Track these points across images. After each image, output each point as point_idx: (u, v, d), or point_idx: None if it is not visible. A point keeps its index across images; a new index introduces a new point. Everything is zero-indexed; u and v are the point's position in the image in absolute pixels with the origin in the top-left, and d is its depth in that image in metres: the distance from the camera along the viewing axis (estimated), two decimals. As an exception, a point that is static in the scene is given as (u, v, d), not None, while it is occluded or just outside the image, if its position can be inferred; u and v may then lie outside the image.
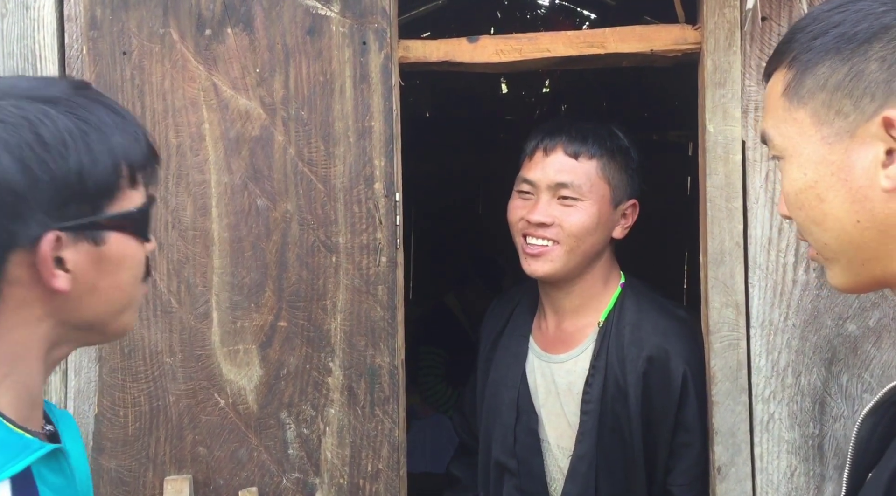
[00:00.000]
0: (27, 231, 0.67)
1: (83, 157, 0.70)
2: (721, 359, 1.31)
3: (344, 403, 1.34)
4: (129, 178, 0.74)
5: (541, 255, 1.41)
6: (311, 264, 1.33)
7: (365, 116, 1.33)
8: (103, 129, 0.72)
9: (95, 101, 0.74)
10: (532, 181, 1.43)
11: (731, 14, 1.29)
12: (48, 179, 0.68)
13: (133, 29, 1.32)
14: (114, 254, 0.74)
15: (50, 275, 0.70)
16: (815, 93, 0.70)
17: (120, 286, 0.76)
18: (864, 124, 0.67)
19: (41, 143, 0.68)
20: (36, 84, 0.73)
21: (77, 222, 0.70)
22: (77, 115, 0.71)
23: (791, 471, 1.30)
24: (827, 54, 0.69)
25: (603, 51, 1.36)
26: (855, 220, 0.68)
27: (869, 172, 0.67)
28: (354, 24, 1.32)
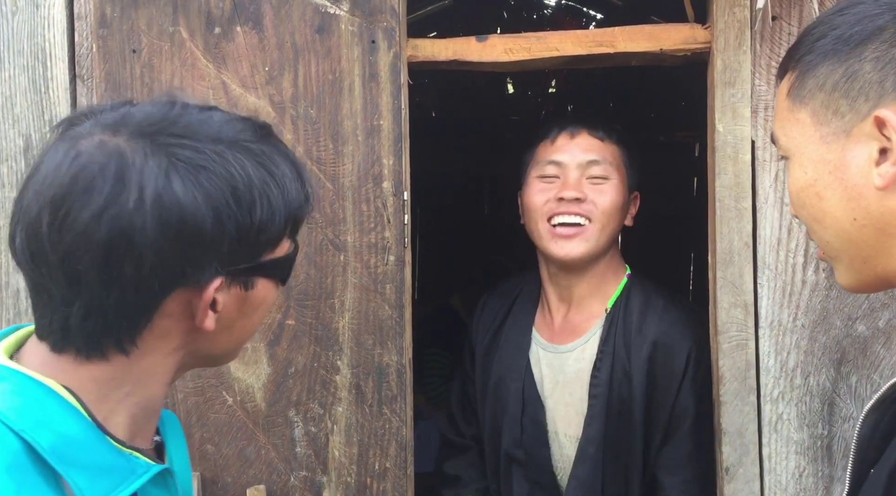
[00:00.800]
0: (199, 275, 0.69)
1: (265, 213, 0.71)
2: (729, 360, 1.31)
3: (352, 402, 1.34)
4: (291, 230, 0.76)
5: (575, 236, 1.41)
6: (320, 263, 1.33)
7: (374, 115, 1.33)
8: (285, 184, 0.73)
9: (277, 150, 0.74)
10: (560, 161, 1.46)
11: (741, 13, 1.29)
12: (234, 233, 0.69)
13: (143, 27, 1.32)
14: (257, 298, 0.75)
15: (204, 316, 0.71)
16: (815, 93, 0.72)
17: (252, 326, 0.78)
18: (858, 124, 0.69)
19: (236, 198, 0.69)
20: (231, 127, 0.72)
21: (238, 268, 0.71)
22: (265, 167, 0.71)
23: (800, 471, 1.29)
24: (826, 56, 0.71)
25: (612, 50, 1.35)
26: (852, 218, 0.70)
27: (863, 170, 0.68)
28: (363, 22, 1.33)
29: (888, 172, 0.67)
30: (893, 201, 0.67)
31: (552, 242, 1.43)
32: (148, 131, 0.68)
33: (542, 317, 1.54)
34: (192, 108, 0.72)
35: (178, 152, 0.68)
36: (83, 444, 0.67)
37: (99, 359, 0.70)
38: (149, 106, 0.72)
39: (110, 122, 0.69)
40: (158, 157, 0.67)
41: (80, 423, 0.68)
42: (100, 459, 0.67)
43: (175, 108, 0.71)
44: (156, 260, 0.66)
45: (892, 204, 0.67)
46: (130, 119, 0.69)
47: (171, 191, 0.66)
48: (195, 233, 0.67)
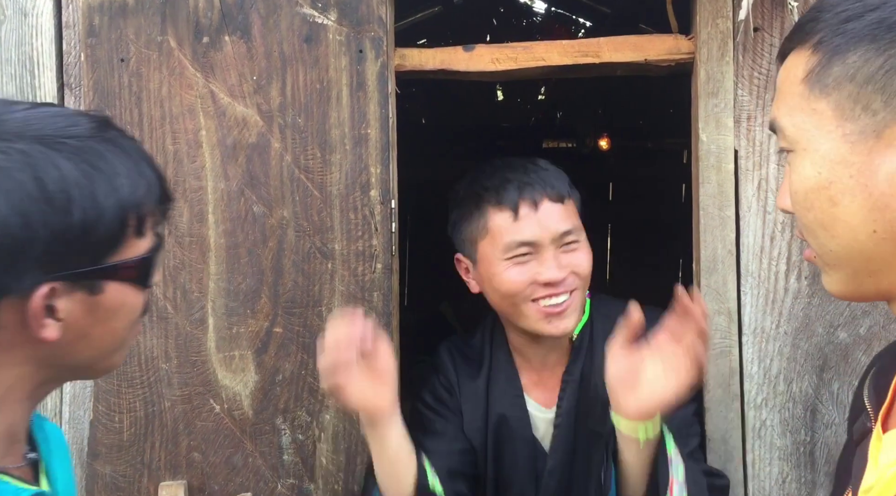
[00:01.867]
0: (19, 283, 0.65)
1: (88, 210, 0.66)
2: (713, 367, 1.32)
3: (339, 409, 1.34)
4: (136, 228, 0.71)
5: (566, 310, 1.29)
6: (307, 270, 1.34)
7: (361, 124, 1.34)
8: (113, 180, 0.68)
9: (111, 144, 0.70)
10: (533, 241, 1.28)
11: (723, 24, 1.31)
12: (48, 234, 0.64)
13: (131, 36, 1.33)
14: (110, 303, 0.71)
15: (39, 325, 0.67)
16: (843, 83, 0.61)
17: (113, 332, 0.73)
18: (893, 125, 0.59)
19: (45, 196, 0.64)
20: (53, 122, 0.68)
21: (73, 272, 0.67)
22: (89, 163, 0.67)
23: (783, 477, 1.30)
24: (861, 41, 0.60)
25: (597, 60, 1.37)
26: (871, 230, 0.61)
27: (893, 179, 0.59)
28: (351, 32, 1.34)
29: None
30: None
31: (544, 323, 1.29)
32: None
33: (529, 380, 1.41)
34: (16, 106, 0.69)
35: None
36: None
37: None
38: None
39: None
40: None
41: None
42: None
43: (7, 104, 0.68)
44: None
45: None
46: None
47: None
48: (1, 238, 0.63)
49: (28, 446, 0.76)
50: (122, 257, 0.71)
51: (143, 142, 1.32)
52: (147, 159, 0.74)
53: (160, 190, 0.74)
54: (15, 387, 0.70)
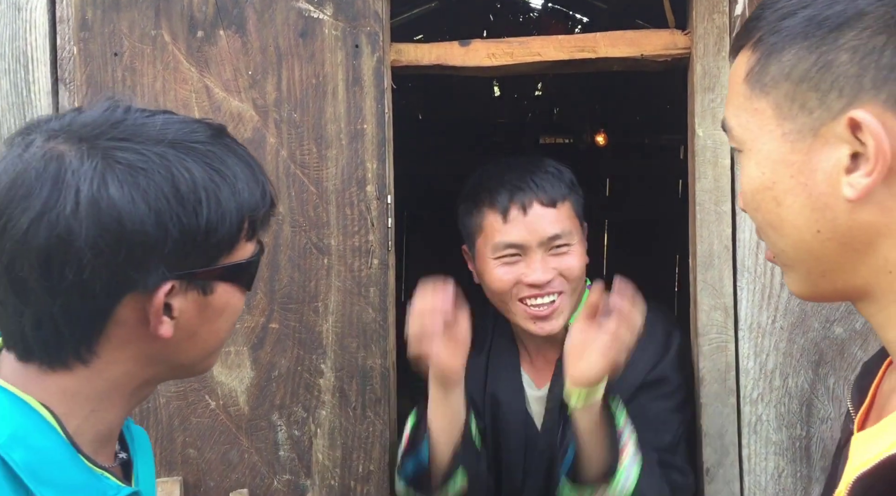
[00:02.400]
0: (147, 279, 0.67)
1: (213, 213, 0.69)
2: (709, 362, 1.32)
3: (335, 405, 1.34)
4: (249, 231, 0.74)
5: (551, 313, 1.33)
6: (303, 266, 1.34)
7: (357, 119, 1.34)
8: (235, 184, 0.71)
9: (229, 151, 0.73)
10: (520, 243, 1.32)
11: (720, 20, 1.31)
12: (177, 233, 0.67)
13: (124, 30, 1.32)
14: (218, 303, 0.73)
15: (158, 322, 0.69)
16: (779, 82, 0.61)
17: (217, 332, 0.75)
18: (829, 123, 0.58)
19: (178, 197, 0.67)
20: (179, 128, 0.71)
21: (192, 271, 0.70)
22: (212, 167, 0.70)
23: (779, 472, 1.31)
24: (794, 39, 0.60)
25: (594, 55, 1.37)
26: (815, 230, 0.60)
27: (831, 178, 0.58)
28: (347, 26, 1.33)
29: (860, 183, 0.57)
30: (864, 215, 0.58)
31: (529, 322, 1.35)
32: (88, 135, 0.68)
33: (526, 360, 1.47)
34: (135, 112, 0.71)
35: (117, 155, 0.67)
36: (57, 462, 0.66)
37: (62, 369, 0.69)
38: (93, 111, 0.71)
39: (54, 129, 0.69)
40: (95, 159, 0.66)
41: (54, 439, 0.67)
42: (72, 478, 0.67)
43: (117, 111, 0.71)
44: (96, 264, 0.64)
45: (863, 218, 0.58)
46: (73, 124, 0.69)
47: (107, 193, 0.65)
48: (135, 235, 0.65)
49: (119, 446, 0.78)
50: (233, 259, 0.73)
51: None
52: (258, 166, 0.76)
53: (270, 196, 0.77)
54: (122, 384, 0.72)
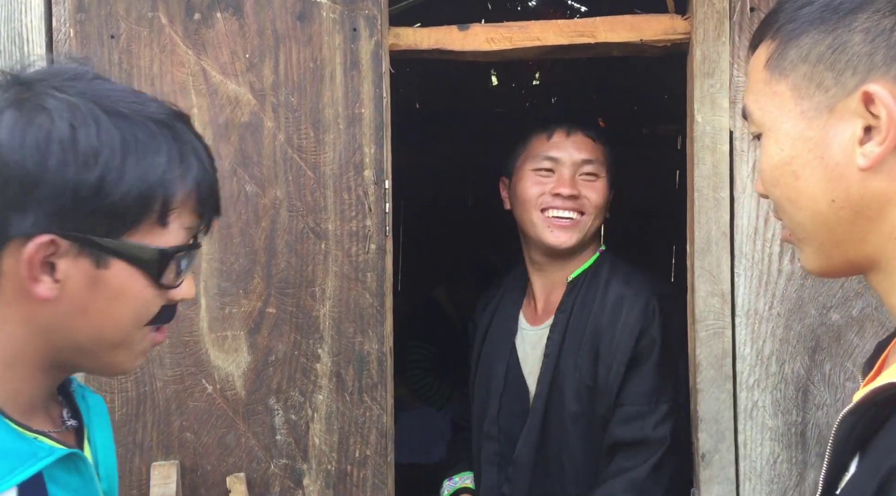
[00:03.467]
0: (21, 224, 0.65)
1: (110, 174, 0.66)
2: (706, 348, 1.32)
3: (332, 390, 1.34)
4: (160, 215, 0.70)
5: (571, 226, 1.51)
6: (300, 251, 1.33)
7: (355, 103, 1.33)
8: (149, 157, 0.68)
9: (169, 130, 0.70)
10: (557, 158, 1.54)
11: (720, 4, 1.30)
12: (60, 181, 0.64)
13: (121, 12, 1.31)
14: (114, 283, 0.69)
15: (30, 277, 0.66)
16: (797, 65, 0.67)
17: (112, 317, 0.71)
18: (844, 99, 0.64)
19: (72, 145, 0.65)
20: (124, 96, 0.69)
21: (83, 236, 0.67)
22: (135, 136, 0.67)
23: (774, 457, 1.31)
24: (811, 24, 0.66)
25: (593, 40, 1.36)
26: (830, 199, 0.66)
27: (846, 149, 0.64)
28: (345, 10, 1.32)
29: (872, 152, 0.62)
30: (876, 183, 0.63)
31: (546, 231, 1.51)
32: (32, 79, 0.67)
33: (527, 303, 1.63)
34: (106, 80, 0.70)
35: (38, 99, 0.65)
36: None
37: None
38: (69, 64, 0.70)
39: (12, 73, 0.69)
40: (11, 97, 0.65)
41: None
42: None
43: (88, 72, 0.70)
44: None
45: (875, 186, 0.63)
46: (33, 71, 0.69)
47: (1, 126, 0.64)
48: (13, 169, 0.64)
49: (70, 414, 0.77)
50: (137, 240, 0.69)
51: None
52: (203, 159, 0.72)
53: (202, 191, 0.72)
54: (23, 356, 0.70)
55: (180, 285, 0.74)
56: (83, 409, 0.79)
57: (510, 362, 1.59)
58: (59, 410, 0.77)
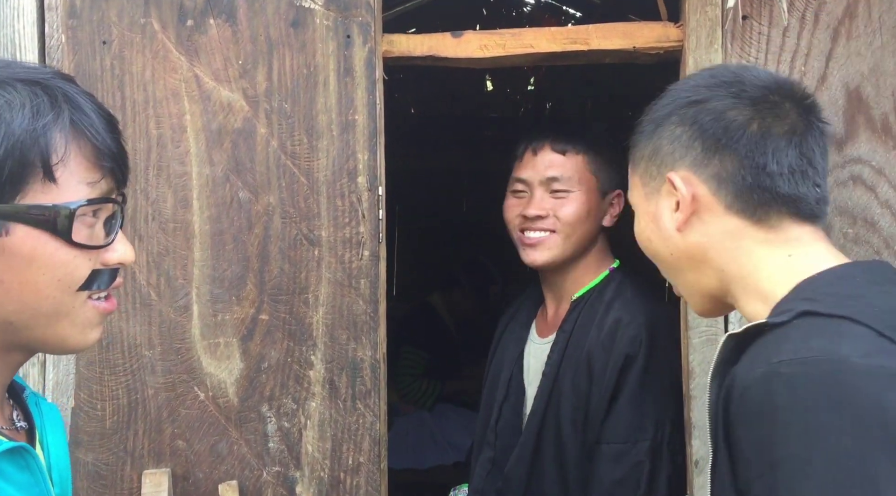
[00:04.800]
0: None
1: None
2: (699, 354, 1.32)
3: (325, 397, 1.34)
4: (43, 170, 0.68)
5: (539, 244, 1.51)
6: (294, 257, 1.33)
7: (348, 110, 1.33)
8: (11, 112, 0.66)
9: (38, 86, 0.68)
10: (524, 179, 1.54)
11: (712, 12, 1.31)
12: None
13: (113, 18, 1.30)
14: (21, 250, 0.67)
15: None
16: (639, 163, 0.94)
17: (35, 287, 0.69)
18: (664, 184, 0.90)
19: None
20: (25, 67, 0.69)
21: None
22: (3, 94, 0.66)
23: (767, 464, 1.31)
24: (643, 135, 0.93)
25: (586, 47, 1.37)
26: (669, 253, 0.91)
27: (668, 218, 0.90)
28: (339, 17, 1.32)
29: (678, 218, 0.89)
30: (691, 238, 0.89)
31: (522, 249, 1.55)
32: None
33: (541, 314, 1.65)
34: None
35: None
36: None
37: None
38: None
39: None
40: None
41: None
42: None
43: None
44: None
45: (691, 240, 0.89)
46: None
47: None
48: None
49: (21, 417, 0.76)
50: (30, 200, 0.67)
51: (126, 126, 1.30)
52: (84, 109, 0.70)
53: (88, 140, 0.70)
54: None
55: (111, 245, 0.72)
56: (35, 414, 0.78)
57: (514, 371, 1.59)
58: (10, 412, 0.76)
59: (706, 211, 0.87)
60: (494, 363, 1.66)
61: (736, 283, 0.87)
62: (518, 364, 1.59)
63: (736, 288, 0.88)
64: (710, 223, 0.87)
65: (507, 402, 1.57)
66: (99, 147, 0.71)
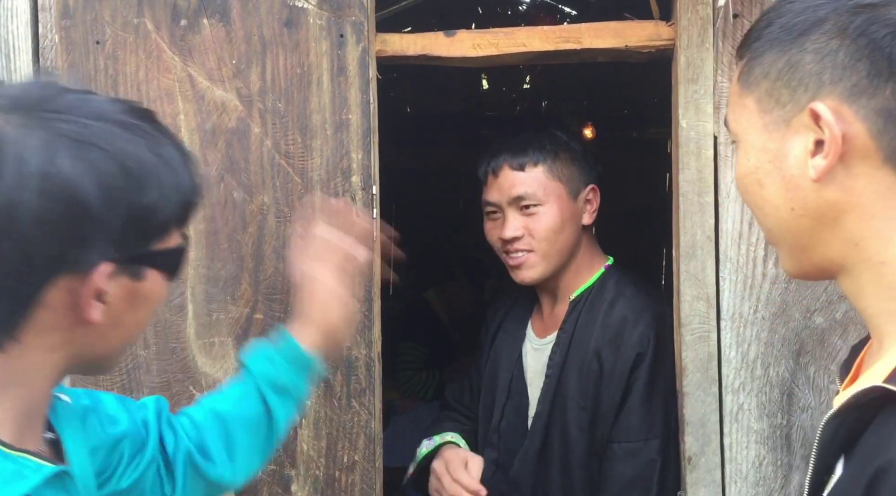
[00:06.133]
0: (86, 257, 0.64)
1: (157, 194, 0.68)
2: (692, 351, 1.33)
3: (320, 395, 1.34)
4: (180, 218, 0.73)
5: (523, 264, 1.50)
6: (288, 257, 1.33)
7: (342, 109, 1.33)
8: (174, 167, 0.70)
9: (165, 135, 0.73)
10: (492, 202, 1.54)
11: (703, 11, 1.31)
12: (124, 212, 0.66)
13: (107, 18, 1.31)
14: (146, 291, 0.71)
15: (90, 305, 0.67)
16: (760, 81, 0.71)
17: (140, 323, 0.74)
18: (798, 114, 0.68)
19: (126, 175, 0.66)
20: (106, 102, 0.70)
21: (127, 255, 0.68)
22: (154, 150, 0.69)
23: (759, 460, 1.32)
24: (772, 44, 0.70)
25: (578, 46, 1.37)
26: (790, 208, 0.70)
27: (800, 162, 0.68)
28: (332, 16, 1.32)
29: (819, 165, 0.66)
30: (828, 193, 0.67)
31: (511, 271, 1.54)
32: (24, 106, 0.66)
33: (536, 313, 1.63)
34: (69, 90, 0.70)
35: (61, 127, 0.65)
36: None
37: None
38: (24, 84, 0.71)
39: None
40: (38, 131, 0.64)
41: None
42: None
43: (51, 87, 0.69)
44: (39, 236, 0.62)
45: (828, 196, 0.67)
46: (3, 94, 0.67)
47: (56, 165, 0.63)
48: (82, 209, 0.63)
49: (45, 426, 0.76)
50: (164, 246, 0.71)
51: (121, 126, 1.31)
52: (190, 153, 0.76)
53: (200, 186, 0.76)
54: (46, 374, 0.69)
55: None
56: (53, 419, 0.78)
57: (515, 372, 1.58)
58: (41, 427, 0.75)
59: (858, 158, 0.66)
60: (491, 362, 1.65)
61: (868, 267, 0.67)
62: (518, 365, 1.58)
63: (865, 272, 0.68)
64: (859, 176, 0.66)
65: (510, 404, 1.56)
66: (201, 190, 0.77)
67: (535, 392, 1.53)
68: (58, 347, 0.69)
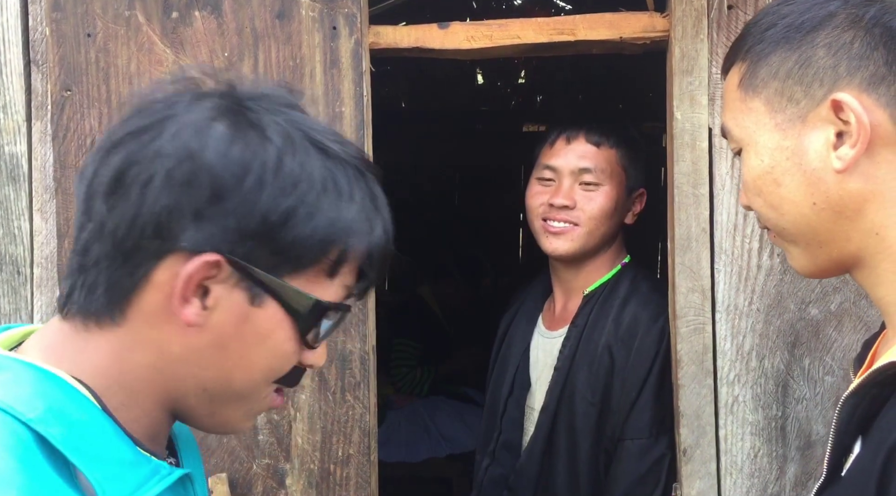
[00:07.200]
0: (196, 235, 0.60)
1: (303, 207, 0.61)
2: (687, 343, 1.33)
3: (315, 389, 1.34)
4: (332, 265, 0.64)
5: (562, 234, 1.49)
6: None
7: (335, 102, 1.33)
8: (344, 204, 0.63)
9: (364, 179, 0.66)
10: (555, 167, 1.52)
11: (698, 2, 1.31)
12: (251, 201, 0.60)
13: (98, 10, 1.30)
14: (261, 325, 0.63)
15: (182, 295, 0.61)
16: (768, 82, 0.72)
17: (248, 363, 0.65)
18: (814, 109, 0.69)
19: (274, 169, 0.61)
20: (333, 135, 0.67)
21: (249, 265, 0.61)
22: (334, 175, 0.63)
23: (755, 452, 1.32)
24: (778, 44, 0.71)
25: (573, 38, 1.36)
26: (811, 203, 0.70)
27: (821, 155, 0.69)
28: (324, 8, 1.32)
29: (846, 155, 0.67)
30: (852, 184, 0.68)
31: (544, 237, 1.52)
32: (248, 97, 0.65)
33: (548, 307, 1.64)
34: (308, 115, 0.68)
35: (252, 115, 0.63)
36: (101, 436, 0.60)
37: (95, 327, 0.63)
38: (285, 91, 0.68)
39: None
40: (222, 108, 0.62)
41: (94, 413, 0.61)
42: (119, 454, 0.61)
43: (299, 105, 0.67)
44: (161, 189, 0.59)
45: (851, 186, 0.68)
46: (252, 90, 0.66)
47: (207, 129, 0.61)
48: (207, 175, 0.59)
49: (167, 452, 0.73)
50: (299, 285, 0.64)
51: (112, 119, 1.30)
52: (387, 219, 0.69)
53: (377, 252, 0.67)
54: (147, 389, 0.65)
55: (317, 348, 0.68)
56: (173, 438, 0.75)
57: (521, 364, 1.59)
58: (164, 445, 0.72)
59: (881, 145, 0.66)
60: (501, 358, 1.65)
61: (888, 256, 0.67)
62: (525, 357, 1.59)
63: (885, 262, 0.68)
64: (882, 164, 0.66)
65: (512, 397, 1.58)
66: (377, 261, 0.68)
67: (543, 385, 1.53)
68: (159, 347, 0.63)
